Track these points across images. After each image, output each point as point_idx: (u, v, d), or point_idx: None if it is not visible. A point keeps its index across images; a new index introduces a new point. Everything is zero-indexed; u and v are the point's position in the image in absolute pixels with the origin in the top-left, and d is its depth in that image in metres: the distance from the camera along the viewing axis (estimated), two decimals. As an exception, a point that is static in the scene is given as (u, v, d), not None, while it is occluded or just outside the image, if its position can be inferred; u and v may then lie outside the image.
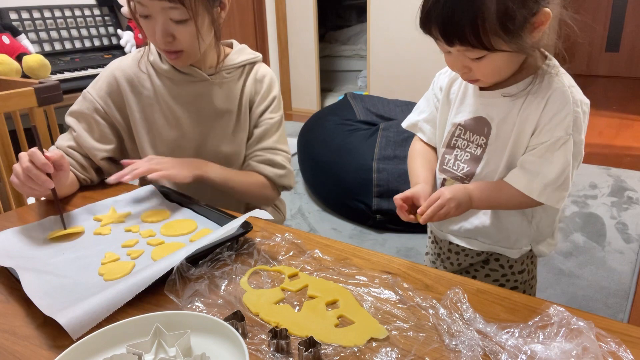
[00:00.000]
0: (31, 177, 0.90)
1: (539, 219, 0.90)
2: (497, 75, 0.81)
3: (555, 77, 0.80)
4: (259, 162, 1.17)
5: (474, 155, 0.87)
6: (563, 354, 0.55)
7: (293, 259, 0.80)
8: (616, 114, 4.19)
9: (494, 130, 0.84)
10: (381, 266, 0.77)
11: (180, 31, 0.99)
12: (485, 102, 0.86)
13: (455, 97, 0.91)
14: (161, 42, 1.00)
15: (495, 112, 0.84)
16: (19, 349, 0.62)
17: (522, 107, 0.81)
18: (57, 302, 0.67)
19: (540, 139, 0.79)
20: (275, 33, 4.17)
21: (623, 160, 3.14)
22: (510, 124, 0.83)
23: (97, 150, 1.12)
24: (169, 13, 0.96)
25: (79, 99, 1.15)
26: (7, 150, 1.42)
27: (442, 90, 0.95)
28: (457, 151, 0.89)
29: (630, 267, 1.99)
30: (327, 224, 2.41)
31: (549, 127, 0.78)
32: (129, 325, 0.61)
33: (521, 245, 0.91)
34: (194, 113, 1.14)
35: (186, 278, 0.73)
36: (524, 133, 0.81)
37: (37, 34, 2.52)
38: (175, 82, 1.12)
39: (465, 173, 0.87)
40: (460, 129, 0.89)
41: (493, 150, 0.85)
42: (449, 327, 0.61)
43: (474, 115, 0.87)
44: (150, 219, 0.96)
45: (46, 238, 0.89)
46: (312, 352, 0.56)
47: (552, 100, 0.78)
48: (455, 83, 0.92)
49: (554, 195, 0.80)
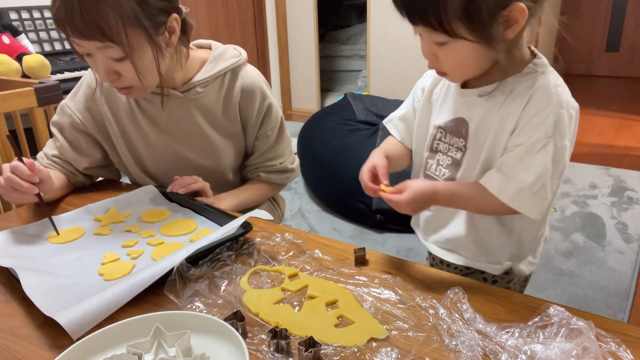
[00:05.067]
0: (14, 187, 0.90)
1: (519, 231, 0.84)
2: (463, 68, 0.76)
3: (541, 76, 0.75)
4: (270, 173, 1.17)
5: (455, 160, 0.82)
6: (563, 354, 0.55)
7: (293, 259, 0.80)
8: (616, 114, 4.19)
9: (472, 130, 0.80)
10: (381, 266, 0.77)
11: (122, 68, 0.92)
12: (465, 101, 0.81)
13: (437, 99, 0.88)
14: (106, 80, 0.95)
15: (474, 112, 0.80)
16: (19, 349, 0.62)
17: (503, 106, 0.76)
18: (57, 302, 0.67)
19: (519, 140, 0.74)
20: (275, 33, 4.16)
21: (623, 160, 3.14)
22: (489, 124, 0.78)
23: (80, 162, 1.12)
24: (106, 52, 0.90)
25: (59, 110, 1.12)
26: (7, 150, 1.42)
27: (425, 91, 0.91)
28: (439, 155, 0.85)
29: (630, 267, 1.99)
30: (327, 224, 2.41)
31: (528, 128, 0.73)
32: (129, 325, 0.61)
33: (501, 260, 0.87)
34: (168, 129, 1.09)
35: (186, 278, 0.73)
36: (503, 133, 0.76)
37: (37, 34, 2.52)
38: (148, 100, 1.06)
39: (446, 178, 0.83)
40: (441, 132, 0.85)
41: (472, 153, 0.80)
42: (449, 327, 0.61)
43: (453, 117, 0.83)
44: (150, 219, 0.95)
45: (46, 238, 0.89)
46: (312, 352, 0.56)
47: (535, 99, 0.73)
48: (439, 85, 0.88)
49: (528, 202, 0.73)
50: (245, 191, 1.16)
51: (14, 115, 1.45)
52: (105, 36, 0.87)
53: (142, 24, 0.90)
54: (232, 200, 1.11)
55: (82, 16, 0.84)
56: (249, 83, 1.10)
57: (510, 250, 0.86)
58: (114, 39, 0.87)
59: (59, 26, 0.88)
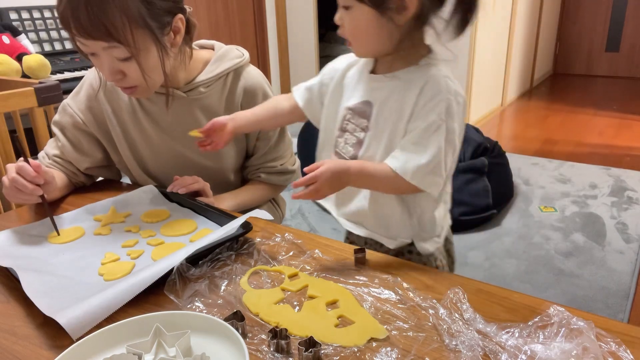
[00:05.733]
0: (18, 188, 0.90)
1: (419, 213, 0.90)
2: (362, 37, 0.83)
3: (434, 67, 0.83)
4: (270, 174, 1.17)
5: (359, 139, 0.89)
6: (563, 354, 0.55)
7: (293, 259, 0.80)
8: (616, 114, 4.19)
9: (375, 112, 0.87)
10: (381, 266, 0.77)
11: (127, 68, 0.93)
12: (373, 86, 0.88)
13: (349, 83, 0.93)
14: (111, 80, 0.95)
15: (378, 95, 0.87)
16: (19, 349, 0.62)
17: (401, 92, 0.84)
18: (57, 302, 0.67)
19: (417, 124, 0.81)
20: (275, 33, 4.16)
21: (623, 160, 3.14)
22: (390, 108, 0.85)
23: (82, 162, 1.12)
24: (111, 52, 0.90)
25: (60, 109, 1.12)
26: (7, 150, 1.42)
27: (337, 73, 0.96)
28: (346, 135, 0.91)
29: (630, 267, 1.99)
30: (327, 224, 2.41)
31: (423, 112, 0.80)
32: (129, 325, 0.61)
33: (401, 238, 0.92)
34: (170, 129, 1.09)
35: (186, 278, 0.73)
36: (401, 118, 0.83)
37: (37, 34, 2.52)
38: (151, 100, 1.07)
39: (351, 156, 0.89)
40: (351, 113, 0.91)
41: (373, 133, 0.87)
42: (449, 327, 0.61)
43: (362, 99, 0.89)
44: (150, 219, 0.95)
45: (46, 238, 0.89)
46: (312, 352, 0.56)
47: (428, 86, 0.81)
48: (352, 69, 0.94)
49: (425, 179, 0.81)
50: (246, 192, 1.16)
51: (14, 115, 1.45)
52: (111, 36, 0.87)
53: (148, 25, 0.90)
54: (233, 200, 1.11)
55: (89, 16, 0.85)
56: (251, 84, 1.10)
57: (412, 230, 0.91)
58: (120, 39, 0.88)
59: (64, 26, 0.88)
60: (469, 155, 2.49)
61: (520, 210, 2.51)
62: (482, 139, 2.62)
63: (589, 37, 5.60)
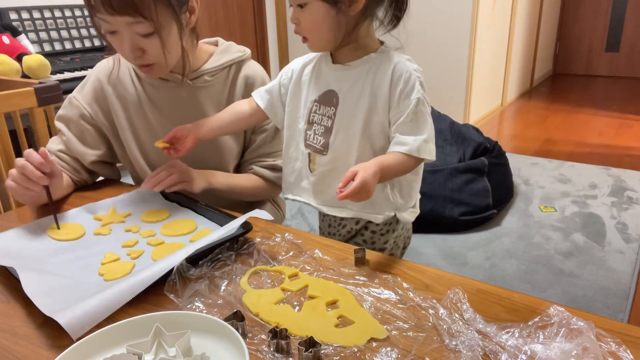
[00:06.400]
0: (26, 175, 0.90)
1: (399, 187, 0.97)
2: (318, 33, 0.89)
3: (393, 53, 0.92)
4: (262, 167, 1.17)
5: (327, 127, 0.95)
6: (563, 354, 0.55)
7: (293, 259, 0.80)
8: (616, 114, 4.20)
9: (341, 100, 0.93)
10: (381, 266, 0.77)
11: (148, 44, 0.96)
12: (335, 75, 0.94)
13: (308, 79, 0.99)
14: (131, 57, 0.98)
15: (343, 84, 0.93)
16: (19, 349, 0.62)
17: (372, 81, 0.90)
18: (57, 302, 0.67)
19: (402, 108, 0.88)
20: (275, 33, 4.16)
21: (623, 160, 3.14)
22: (357, 94, 0.91)
23: (87, 155, 1.13)
24: (134, 28, 0.93)
25: (65, 103, 1.14)
26: (7, 150, 1.42)
27: (294, 73, 1.01)
28: (315, 126, 0.96)
29: (630, 267, 1.99)
30: (327, 224, 2.41)
31: (403, 97, 0.87)
32: (129, 325, 0.61)
33: (385, 211, 0.97)
34: (175, 118, 1.11)
35: (186, 278, 0.73)
36: (378, 104, 0.90)
37: (37, 34, 2.52)
38: (156, 88, 1.11)
39: (322, 145, 0.95)
40: (316, 105, 0.96)
41: (341, 119, 0.93)
42: (449, 327, 0.61)
43: (325, 90, 0.95)
44: (150, 219, 0.96)
45: (46, 238, 0.89)
46: (312, 352, 0.56)
47: (397, 72, 0.88)
48: (308, 67, 1.00)
49: (429, 149, 0.88)
50: (239, 177, 1.17)
51: (14, 115, 1.45)
52: (137, 11, 0.90)
53: (170, 1, 0.94)
54: (225, 179, 1.12)
55: None
56: (252, 74, 1.15)
57: (393, 203, 0.97)
58: (145, 14, 0.91)
59: (88, 4, 0.92)
60: (469, 155, 2.49)
61: (520, 210, 2.51)
62: (482, 139, 2.62)
63: (589, 37, 5.61)
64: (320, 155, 0.96)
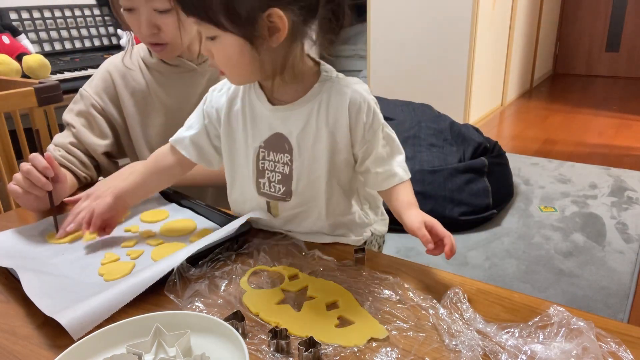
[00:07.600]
0: (31, 180, 0.90)
1: (367, 204, 0.96)
2: (233, 67, 0.75)
3: (339, 80, 0.81)
4: None
5: (284, 174, 0.84)
6: (563, 354, 0.55)
7: (293, 259, 0.80)
8: (616, 114, 4.20)
9: (295, 145, 0.81)
10: (381, 266, 0.77)
11: (164, 22, 1.00)
12: (277, 117, 0.82)
13: (242, 120, 0.85)
14: (147, 33, 1.01)
15: (291, 127, 0.81)
16: (19, 349, 0.62)
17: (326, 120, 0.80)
18: (57, 302, 0.67)
19: (370, 139, 0.81)
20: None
21: (623, 160, 3.14)
22: (311, 137, 0.81)
23: (97, 146, 1.15)
24: (153, 3, 0.97)
25: (77, 97, 1.17)
26: (7, 150, 1.42)
27: (221, 112, 0.87)
28: (267, 173, 0.85)
29: (630, 267, 1.99)
30: (327, 224, 2.41)
31: (369, 128, 0.80)
32: (129, 325, 0.61)
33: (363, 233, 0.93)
34: (184, 103, 1.14)
35: (186, 278, 0.73)
36: (339, 144, 0.81)
37: (37, 34, 2.52)
38: (165, 74, 1.15)
39: (283, 193, 0.85)
40: (264, 151, 0.84)
41: (301, 166, 0.82)
42: (449, 327, 0.61)
43: (272, 133, 0.83)
44: (150, 219, 0.96)
45: (46, 238, 0.89)
46: (312, 352, 0.56)
47: (354, 107, 0.79)
48: (236, 103, 0.85)
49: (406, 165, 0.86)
50: None
51: (14, 115, 1.45)
52: None
53: None
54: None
55: None
56: None
57: (367, 222, 0.94)
58: None
59: None
60: (469, 155, 2.49)
61: (520, 210, 2.51)
62: (482, 139, 2.62)
63: (589, 37, 5.60)
64: (283, 202, 0.86)
